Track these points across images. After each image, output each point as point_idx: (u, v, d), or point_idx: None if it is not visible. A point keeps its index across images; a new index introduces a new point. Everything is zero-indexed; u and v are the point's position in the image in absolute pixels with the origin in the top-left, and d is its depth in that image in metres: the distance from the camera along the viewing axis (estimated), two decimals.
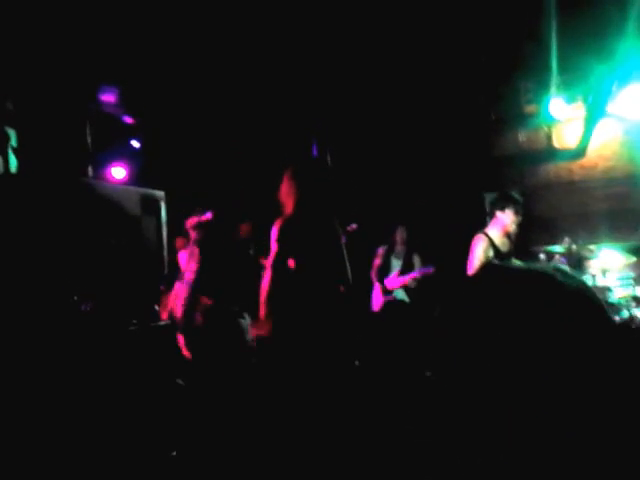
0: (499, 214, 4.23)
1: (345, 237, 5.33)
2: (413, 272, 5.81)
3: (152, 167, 6.08)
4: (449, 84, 6.41)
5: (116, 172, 6.41)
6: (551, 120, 6.78)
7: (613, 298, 4.97)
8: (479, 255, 4.12)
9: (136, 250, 3.38)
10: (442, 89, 6.50)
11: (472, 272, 4.12)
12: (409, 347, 5.80)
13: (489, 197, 4.37)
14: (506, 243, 4.25)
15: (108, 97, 5.89)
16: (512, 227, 4.22)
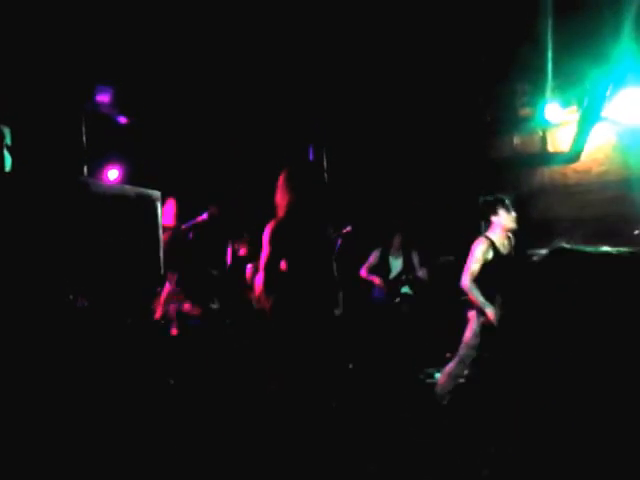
0: (494, 218, 4.28)
1: (340, 239, 5.40)
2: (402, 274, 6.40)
3: (147, 168, 6.05)
4: (446, 85, 6.43)
5: (111, 174, 6.39)
6: (546, 124, 6.81)
7: None
8: (478, 257, 4.15)
9: (132, 250, 3.37)
10: (439, 89, 6.51)
11: (466, 274, 4.14)
12: (409, 345, 5.89)
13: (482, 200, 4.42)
14: (506, 245, 4.29)
15: (103, 97, 5.87)
16: (511, 224, 4.27)
